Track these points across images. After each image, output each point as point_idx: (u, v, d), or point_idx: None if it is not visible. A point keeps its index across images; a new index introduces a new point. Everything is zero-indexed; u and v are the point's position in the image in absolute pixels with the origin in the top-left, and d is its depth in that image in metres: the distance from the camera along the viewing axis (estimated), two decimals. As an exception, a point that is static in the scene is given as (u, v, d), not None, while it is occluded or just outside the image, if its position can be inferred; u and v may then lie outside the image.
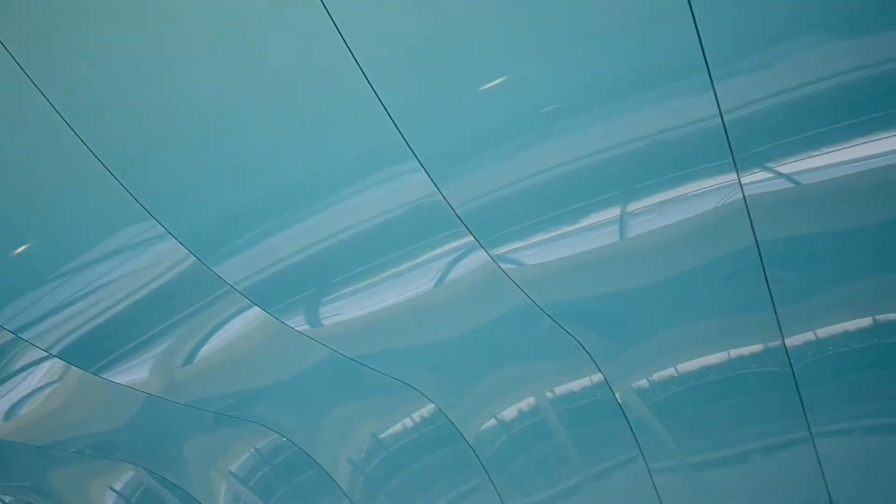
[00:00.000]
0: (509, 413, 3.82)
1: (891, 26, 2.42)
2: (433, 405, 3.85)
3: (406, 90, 2.61)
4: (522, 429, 3.82)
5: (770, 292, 3.16)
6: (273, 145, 2.79)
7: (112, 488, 4.45)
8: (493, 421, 3.86)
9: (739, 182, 2.80)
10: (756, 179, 2.80)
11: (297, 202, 2.95)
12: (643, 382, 3.59)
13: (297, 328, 3.47)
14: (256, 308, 3.38)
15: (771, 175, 2.81)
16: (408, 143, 2.71)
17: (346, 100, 2.64)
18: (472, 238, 3.03)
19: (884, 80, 2.52)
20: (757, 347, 3.40)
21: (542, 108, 2.64)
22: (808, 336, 3.34)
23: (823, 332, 3.32)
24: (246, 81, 2.62)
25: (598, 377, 3.59)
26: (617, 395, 3.62)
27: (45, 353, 3.52)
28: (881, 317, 3.25)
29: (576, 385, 3.66)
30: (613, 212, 2.94)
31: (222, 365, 3.69)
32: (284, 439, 4.15)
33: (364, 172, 2.85)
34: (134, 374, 3.69)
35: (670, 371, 3.55)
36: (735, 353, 3.44)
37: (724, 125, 2.63)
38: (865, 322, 3.28)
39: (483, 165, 2.80)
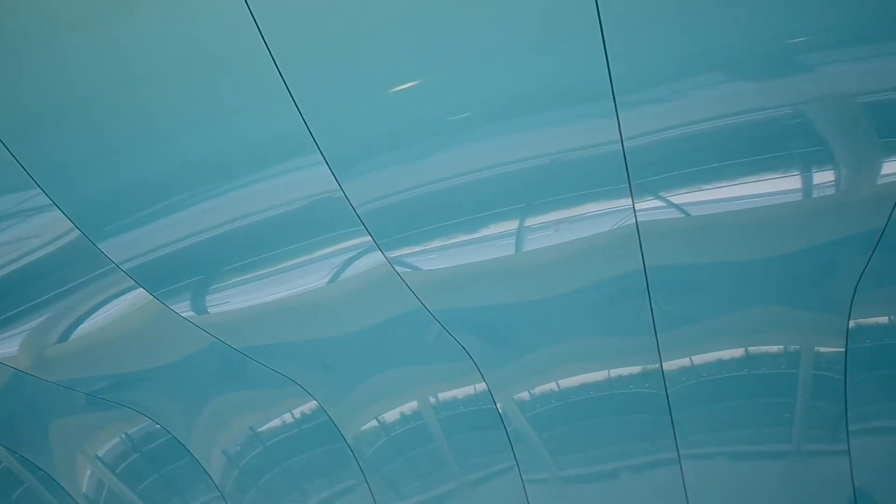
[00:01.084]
0: (391, 415, 3.81)
1: (786, 73, 2.54)
2: (315, 402, 3.82)
3: (316, 83, 2.59)
4: (403, 432, 3.83)
5: (653, 317, 3.27)
6: (174, 123, 2.71)
7: (-33, 466, 4.23)
8: (374, 422, 3.85)
9: (633, 208, 2.89)
10: (649, 206, 2.90)
11: (194, 185, 2.88)
12: (524, 395, 3.65)
13: (181, 314, 3.38)
14: (141, 289, 3.28)
15: (663, 204, 2.90)
16: (313, 137, 2.68)
17: (253, 86, 2.60)
18: (370, 238, 3.02)
19: (776, 124, 2.65)
20: (636, 369, 3.50)
21: (452, 115, 2.66)
22: (685, 362, 3.47)
23: (699, 358, 3.46)
24: (151, 53, 2.54)
25: (481, 386, 3.63)
26: (498, 405, 3.67)
27: None
28: (753, 348, 3.41)
29: (459, 392, 3.69)
30: (511, 225, 2.98)
31: (99, 345, 3.56)
32: (158, 426, 4.03)
33: (266, 161, 2.80)
34: (2, 348, 3.52)
35: (552, 385, 3.62)
36: (615, 372, 3.54)
37: (623, 151, 2.71)
38: (738, 352, 3.43)
39: (388, 166, 2.79)
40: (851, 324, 3.24)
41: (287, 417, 3.91)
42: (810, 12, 2.39)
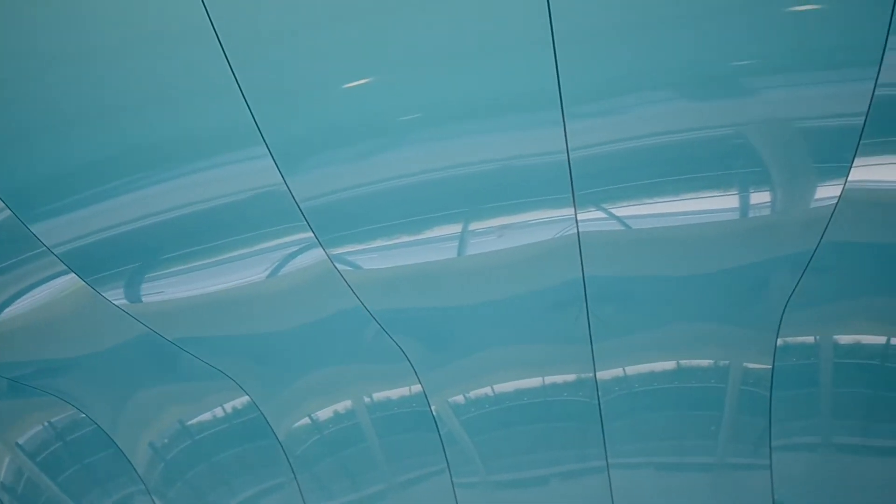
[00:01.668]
0: (324, 414, 3.79)
1: (729, 95, 2.61)
2: (247, 397, 3.77)
3: (265, 73, 2.56)
4: (335, 431, 3.80)
5: (589, 326, 3.31)
6: (117, 104, 2.65)
7: None
8: (306, 420, 3.82)
9: (576, 218, 2.93)
10: (591, 217, 2.93)
11: (135, 169, 2.82)
12: (459, 398, 3.66)
13: (114, 301, 3.31)
14: (72, 275, 3.20)
15: (605, 216, 2.95)
16: (259, 128, 2.65)
17: (201, 72, 2.56)
18: (312, 234, 3.00)
19: (718, 144, 2.71)
20: (570, 377, 3.54)
21: (403, 115, 2.66)
22: (618, 372, 3.52)
23: (632, 369, 3.52)
24: (96, 30, 2.48)
25: (417, 388, 3.63)
26: (432, 407, 3.67)
27: None
28: (684, 362, 3.48)
29: (394, 393, 3.68)
30: (456, 228, 2.99)
31: (26, 330, 3.46)
32: (83, 416, 3.93)
33: (210, 150, 2.76)
34: (-77, 328, 3.41)
35: (487, 390, 3.64)
36: (550, 379, 3.57)
37: (569, 161, 2.74)
38: (670, 365, 3.49)
39: (334, 163, 2.78)
40: (779, 342, 3.34)
41: (218, 412, 3.85)
42: (755, 37, 2.46)
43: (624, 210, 2.94)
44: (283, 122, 2.68)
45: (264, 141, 2.68)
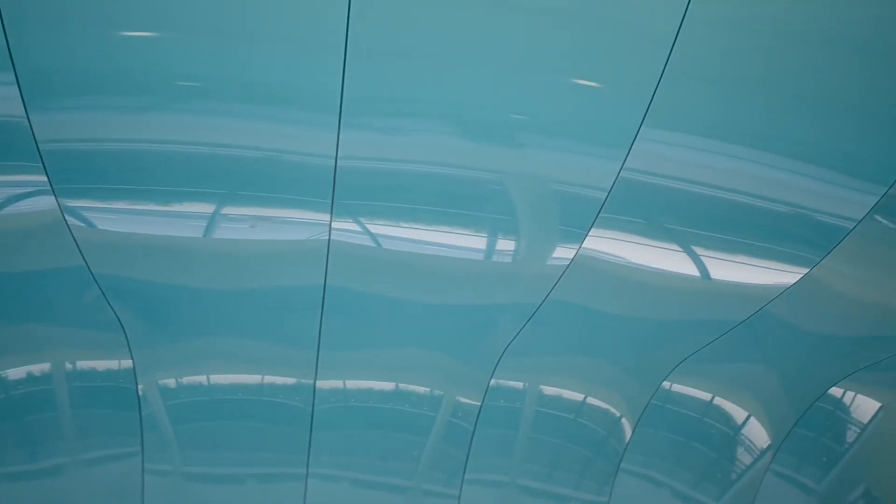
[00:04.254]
0: (16, 373, 3.45)
1: (500, 142, 2.75)
2: (-74, 340, 3.37)
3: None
4: (24, 393, 3.48)
5: (320, 334, 3.32)
6: None
7: None
8: (-8, 376, 3.48)
9: (330, 225, 2.93)
10: (346, 228, 2.95)
11: None
12: (171, 382, 3.50)
13: None
14: None
15: (359, 229, 2.98)
16: (10, 52, 2.40)
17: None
18: (47, 178, 2.75)
19: (479, 185, 2.85)
20: (290, 380, 3.52)
21: (180, 80, 2.53)
22: (338, 384, 3.55)
23: (352, 384, 3.56)
24: None
25: (127, 363, 3.43)
26: (139, 386, 3.48)
27: None
28: (403, 385, 3.58)
29: (101, 365, 3.44)
30: (207, 208, 2.88)
31: None
32: None
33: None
34: None
35: (202, 378, 3.52)
36: (269, 380, 3.53)
37: (335, 168, 2.75)
38: (389, 386, 3.58)
39: (92, 109, 2.58)
40: (492, 382, 3.54)
41: None
42: (537, 97, 2.62)
43: (379, 228, 2.99)
44: (42, 52, 2.44)
45: (13, 66, 2.43)
